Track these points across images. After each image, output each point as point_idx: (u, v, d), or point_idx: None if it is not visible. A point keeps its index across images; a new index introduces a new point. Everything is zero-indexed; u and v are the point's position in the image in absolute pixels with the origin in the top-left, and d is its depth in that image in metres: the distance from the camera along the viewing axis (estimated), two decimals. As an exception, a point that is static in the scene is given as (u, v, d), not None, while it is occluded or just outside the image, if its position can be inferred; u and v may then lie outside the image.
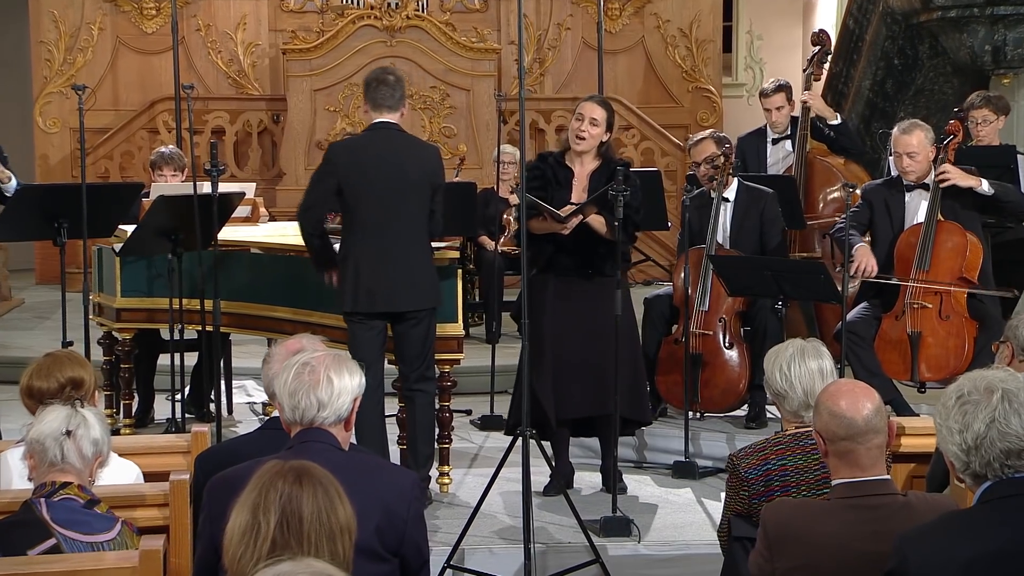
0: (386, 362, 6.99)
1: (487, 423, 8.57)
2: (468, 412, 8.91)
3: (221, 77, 14.06)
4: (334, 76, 13.36)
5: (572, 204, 6.86)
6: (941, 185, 7.42)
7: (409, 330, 6.82)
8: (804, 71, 9.33)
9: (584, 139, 6.94)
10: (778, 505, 4.09)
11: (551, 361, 6.97)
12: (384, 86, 6.82)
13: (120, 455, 4.60)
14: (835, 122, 9.11)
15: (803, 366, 4.66)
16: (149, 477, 4.67)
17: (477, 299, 11.25)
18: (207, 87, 13.95)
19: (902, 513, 3.84)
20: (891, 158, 7.79)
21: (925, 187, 7.59)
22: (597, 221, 6.79)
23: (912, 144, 7.52)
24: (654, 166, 13.62)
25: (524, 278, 6.27)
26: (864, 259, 7.48)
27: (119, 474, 4.42)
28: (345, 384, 3.92)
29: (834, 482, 3.97)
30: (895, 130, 7.64)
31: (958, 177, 7.40)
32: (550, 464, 6.62)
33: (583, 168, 7.01)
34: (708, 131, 8.46)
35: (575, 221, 6.76)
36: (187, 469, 4.63)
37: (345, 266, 6.78)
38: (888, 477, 3.99)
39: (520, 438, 6.09)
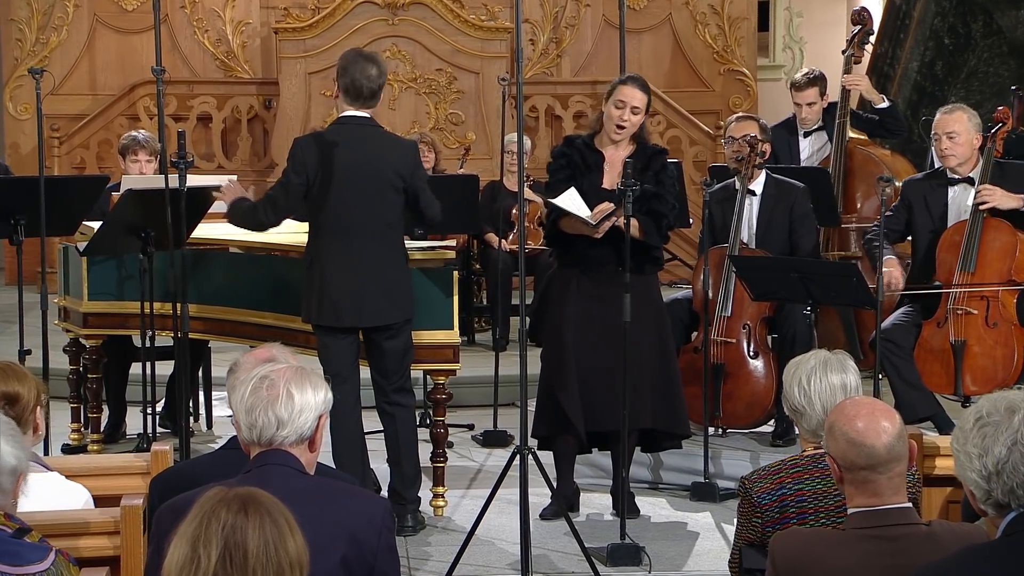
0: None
1: (490, 439, 8.53)
2: (470, 427, 8.87)
3: (208, 59, 14.06)
4: (331, 58, 13.20)
5: (613, 193, 6.76)
6: (981, 208, 7.35)
7: (384, 342, 6.82)
8: (844, 53, 9.30)
9: (625, 128, 6.90)
10: (788, 535, 4.03)
11: (575, 368, 6.93)
12: (361, 78, 6.71)
13: (69, 477, 4.56)
14: (883, 105, 9.08)
15: (824, 380, 4.59)
16: (102, 502, 4.62)
17: (484, 302, 11.21)
18: (193, 69, 13.97)
19: (924, 545, 3.77)
20: (933, 146, 7.74)
21: (971, 181, 7.52)
22: (633, 226, 6.69)
23: (953, 123, 7.47)
24: (681, 156, 13.60)
25: (522, 283, 6.25)
26: (889, 273, 7.39)
27: (65, 498, 4.38)
28: (308, 400, 3.87)
29: (850, 510, 3.92)
30: (938, 112, 7.59)
31: (999, 199, 7.33)
32: (550, 485, 6.57)
33: (616, 152, 6.97)
34: (756, 116, 8.46)
35: (607, 225, 6.73)
36: (144, 492, 4.59)
37: (311, 274, 6.77)
38: (909, 505, 3.93)
39: (519, 455, 6.07)
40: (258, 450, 3.88)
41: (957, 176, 7.59)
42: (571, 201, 6.74)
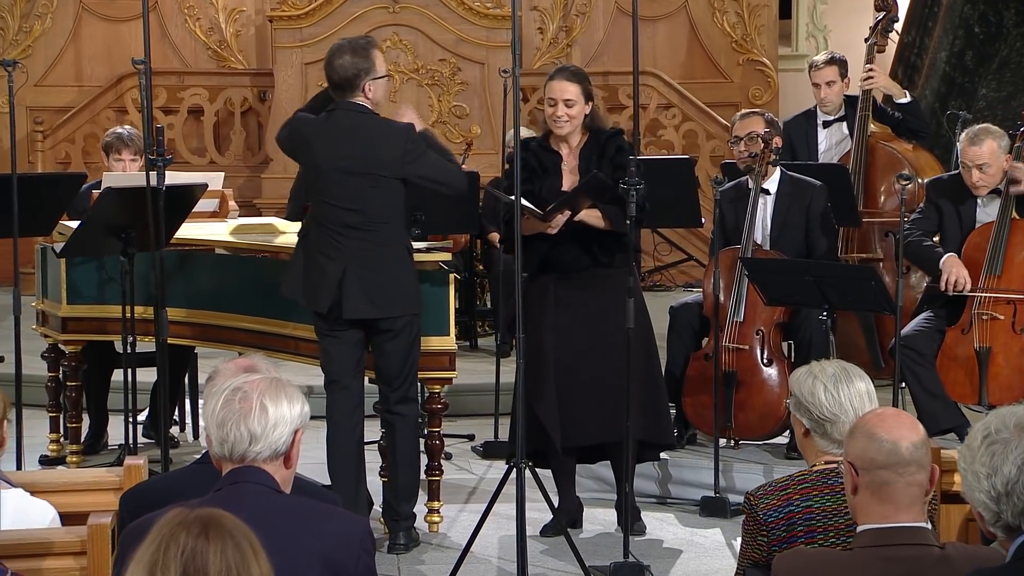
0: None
1: (491, 450, 8.51)
2: (470, 437, 8.86)
3: (200, 48, 14.05)
4: (328, 47, 13.21)
5: (562, 194, 6.82)
6: (1012, 191, 7.33)
7: (385, 343, 6.78)
8: (866, 41, 9.27)
9: (565, 123, 6.92)
10: (792, 555, 4.01)
11: (554, 378, 6.92)
12: (335, 65, 6.86)
13: (35, 493, 4.54)
14: (904, 100, 9.05)
15: (852, 387, 4.57)
16: (71, 519, 4.60)
17: (488, 304, 11.19)
18: (183, 60, 13.97)
19: (938, 568, 3.75)
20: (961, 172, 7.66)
21: (997, 192, 7.49)
22: (592, 216, 6.74)
23: (983, 155, 7.39)
24: (697, 151, 13.58)
25: (518, 283, 6.22)
26: (956, 271, 7.38)
27: (28, 516, 4.36)
28: (282, 413, 3.85)
29: (859, 528, 3.89)
30: (962, 138, 7.54)
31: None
32: (549, 502, 6.55)
33: (570, 149, 7.00)
34: (761, 110, 8.44)
35: (560, 218, 6.72)
36: (114, 510, 4.57)
37: (300, 245, 6.83)
38: (925, 525, 3.90)
39: (516, 469, 6.05)
40: (230, 466, 3.87)
41: None
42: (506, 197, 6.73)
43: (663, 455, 7.50)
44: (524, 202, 6.68)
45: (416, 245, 7.22)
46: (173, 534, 3.00)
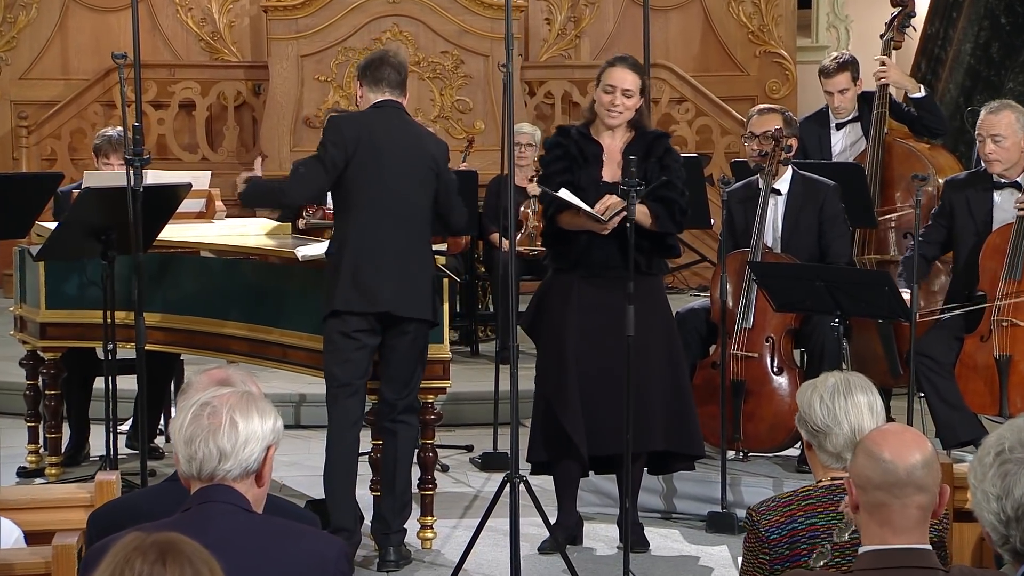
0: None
1: (489, 462, 8.49)
2: (468, 448, 8.84)
3: (192, 40, 14.05)
4: (325, 39, 13.29)
5: (614, 186, 6.77)
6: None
7: (403, 345, 6.82)
8: (882, 37, 9.22)
9: (620, 114, 6.92)
10: (789, 578, 3.99)
11: (577, 383, 6.90)
12: (387, 65, 6.90)
13: (0, 510, 4.53)
14: (918, 95, 9.02)
15: (850, 398, 4.58)
16: (37, 539, 4.57)
17: (490, 308, 11.17)
18: (175, 52, 13.96)
19: (942, 593, 3.72)
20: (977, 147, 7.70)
21: (1017, 185, 7.49)
22: (641, 212, 6.73)
23: (999, 125, 7.44)
24: (711, 147, 13.56)
25: (512, 283, 6.22)
26: None
27: (-9, 535, 4.35)
28: (254, 429, 3.83)
29: (861, 550, 3.86)
30: (983, 110, 7.54)
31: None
32: (545, 519, 6.52)
33: (614, 141, 6.99)
34: (780, 107, 8.41)
35: (617, 220, 6.72)
36: (83, 528, 4.54)
37: (339, 258, 6.78)
38: (928, 547, 3.87)
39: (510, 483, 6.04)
40: (199, 485, 3.84)
41: (1004, 180, 7.55)
42: (572, 197, 6.73)
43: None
44: (580, 203, 6.69)
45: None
46: (128, 560, 2.98)
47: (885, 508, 3.76)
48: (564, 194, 6.73)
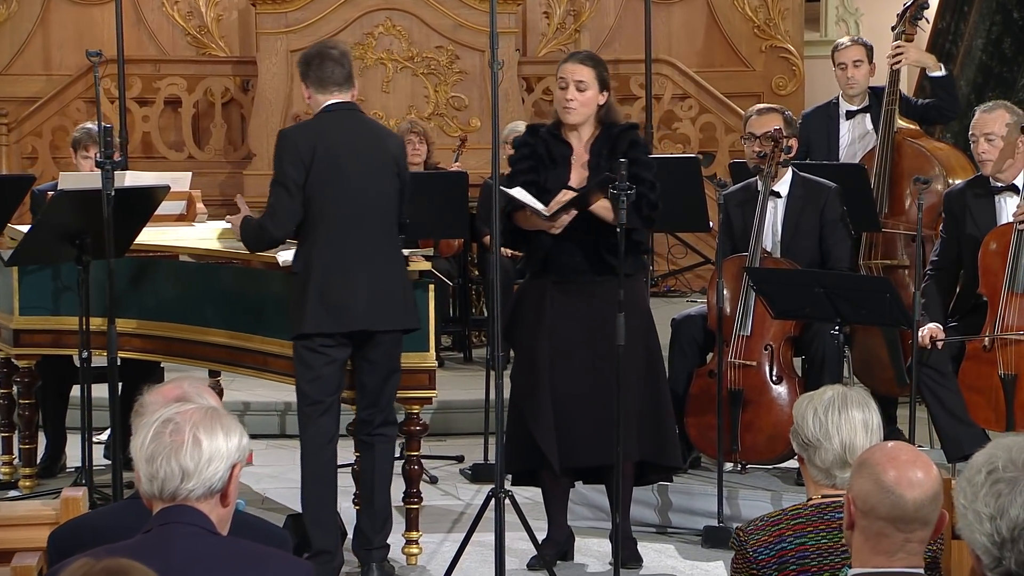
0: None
1: (480, 474, 8.47)
2: (459, 459, 8.82)
3: (178, 34, 14.01)
4: (315, 33, 13.22)
5: (570, 188, 6.82)
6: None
7: (377, 357, 6.80)
8: (893, 29, 9.21)
9: (573, 108, 6.91)
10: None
11: (550, 392, 6.90)
12: (329, 60, 6.83)
13: (-40, 529, 4.52)
14: (938, 73, 9.05)
15: (844, 414, 4.56)
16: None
17: (484, 313, 11.16)
18: (160, 47, 13.91)
19: (933, 617, 3.71)
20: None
21: (1015, 189, 7.50)
22: (602, 208, 6.73)
23: (990, 124, 7.45)
24: (715, 146, 13.53)
25: (495, 288, 6.22)
26: (926, 337, 7.41)
27: (-52, 556, 4.34)
28: (218, 447, 3.81)
29: (851, 572, 3.84)
30: (977, 109, 7.57)
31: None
32: (532, 536, 6.51)
33: (581, 141, 7.00)
34: (779, 107, 8.40)
35: (565, 218, 6.71)
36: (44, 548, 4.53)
37: (306, 278, 6.73)
38: (919, 571, 3.85)
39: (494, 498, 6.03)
40: (161, 505, 3.83)
41: (1000, 184, 7.54)
42: (523, 194, 6.74)
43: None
44: (528, 198, 6.68)
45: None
46: (76, 587, 2.96)
47: (887, 539, 3.75)
48: (517, 192, 6.73)
